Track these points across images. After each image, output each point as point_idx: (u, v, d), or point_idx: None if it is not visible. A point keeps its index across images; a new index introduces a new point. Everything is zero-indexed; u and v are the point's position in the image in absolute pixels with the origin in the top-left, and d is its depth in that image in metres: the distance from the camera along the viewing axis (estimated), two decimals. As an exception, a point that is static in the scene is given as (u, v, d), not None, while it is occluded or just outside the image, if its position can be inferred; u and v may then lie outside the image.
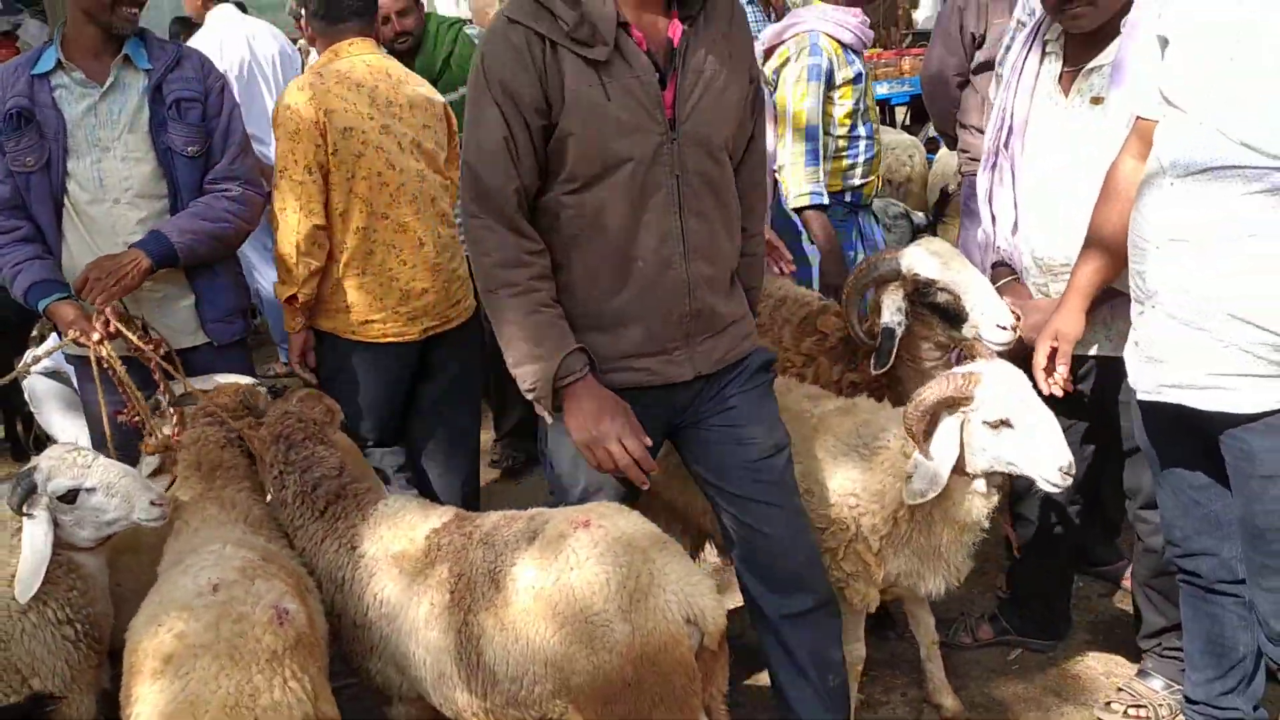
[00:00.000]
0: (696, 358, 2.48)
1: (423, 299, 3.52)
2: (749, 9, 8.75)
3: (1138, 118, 2.50)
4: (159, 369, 3.05)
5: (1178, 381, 2.33)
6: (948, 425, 2.61)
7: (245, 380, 3.22)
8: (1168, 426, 2.49)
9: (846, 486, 2.80)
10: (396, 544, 2.59)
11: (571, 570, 2.33)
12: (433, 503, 2.81)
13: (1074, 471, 2.50)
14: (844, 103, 3.95)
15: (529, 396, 2.38)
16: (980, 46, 3.86)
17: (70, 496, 2.48)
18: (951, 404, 2.60)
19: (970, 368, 2.66)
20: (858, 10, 4.06)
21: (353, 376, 3.58)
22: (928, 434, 2.64)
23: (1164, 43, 2.37)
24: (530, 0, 2.25)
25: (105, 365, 3.00)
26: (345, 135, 3.34)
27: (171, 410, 3.07)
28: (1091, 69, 2.80)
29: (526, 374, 2.34)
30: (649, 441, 2.37)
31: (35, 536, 2.45)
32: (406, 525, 2.62)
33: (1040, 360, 2.72)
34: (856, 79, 3.97)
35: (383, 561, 2.58)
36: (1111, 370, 2.82)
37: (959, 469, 2.64)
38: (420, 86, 3.51)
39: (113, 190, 3.20)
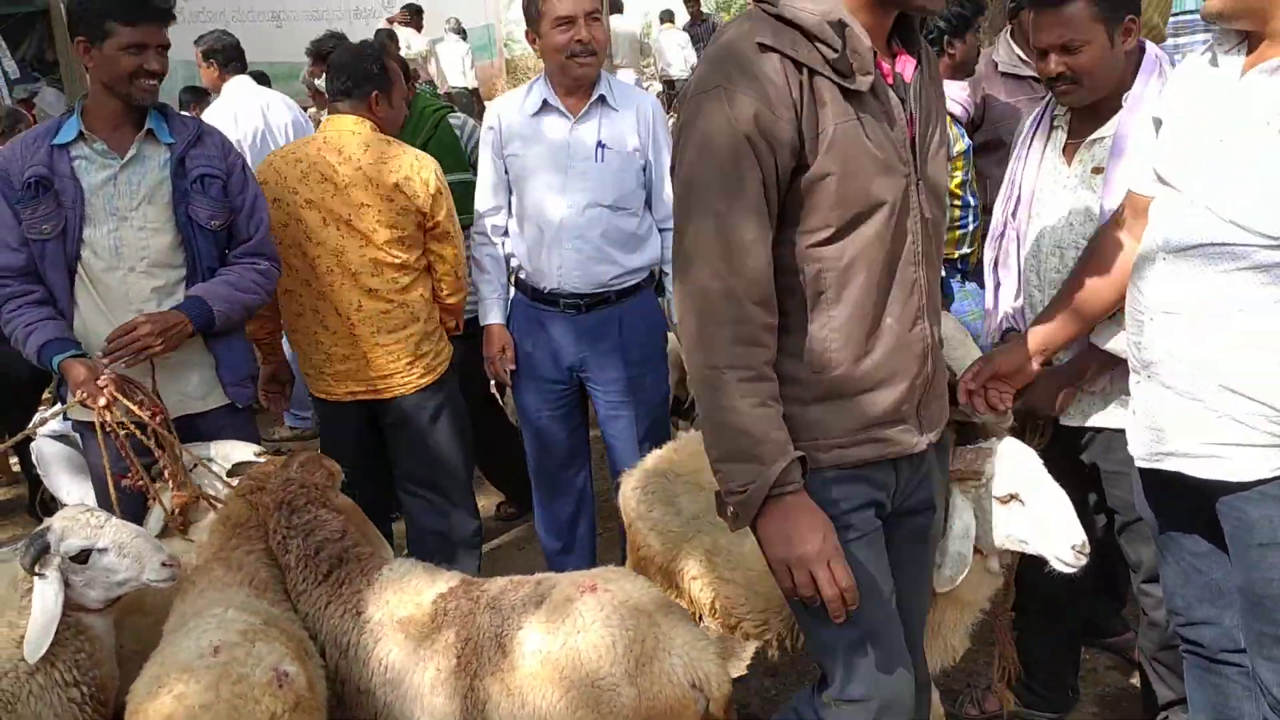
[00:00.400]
0: (924, 425, 2.21)
1: (345, 364, 3.73)
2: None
3: (1129, 191, 2.58)
4: (153, 436, 3.07)
5: (1174, 450, 2.36)
6: (960, 505, 2.61)
7: (253, 447, 3.29)
8: (1167, 494, 2.51)
9: None
10: (402, 609, 2.60)
11: (578, 634, 2.36)
12: (438, 568, 2.82)
13: (1088, 550, 2.48)
14: (956, 174, 4.00)
15: (730, 500, 2.05)
16: (979, 127, 3.94)
17: (83, 557, 2.50)
18: (961, 479, 2.60)
19: (979, 445, 2.67)
20: (965, 84, 4.14)
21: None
22: None
23: (1158, 123, 2.45)
24: (787, 25, 1.97)
25: (108, 429, 3.03)
26: (275, 205, 3.60)
27: (166, 476, 3.11)
28: (1094, 140, 2.88)
29: (736, 473, 2.01)
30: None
31: (46, 596, 2.45)
32: (412, 590, 2.64)
33: (967, 376, 2.74)
34: (966, 151, 4.03)
35: (388, 626, 2.59)
36: (1107, 442, 2.86)
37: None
38: (379, 165, 3.62)
39: (129, 259, 3.24)
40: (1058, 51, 2.74)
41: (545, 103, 3.62)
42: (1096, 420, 2.92)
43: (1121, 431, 2.60)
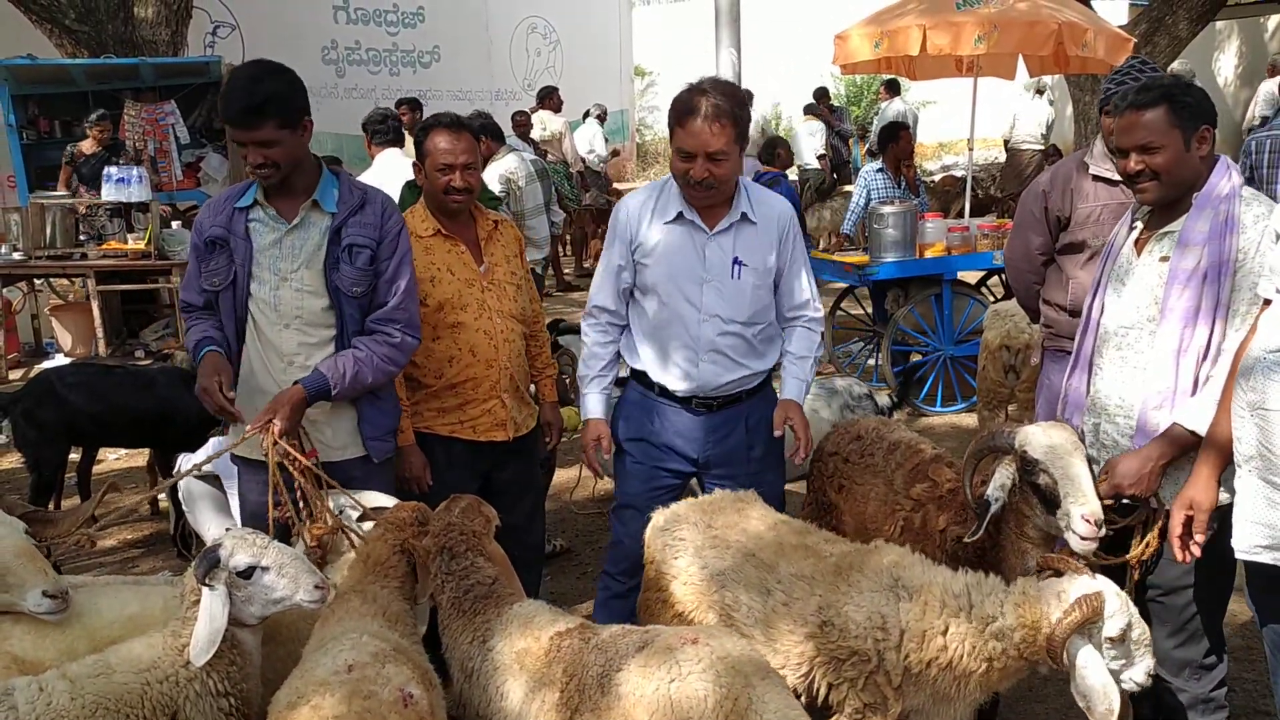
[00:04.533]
0: None
1: None
2: (879, 176, 9.15)
3: (1264, 301, 2.75)
4: (305, 473, 3.31)
5: (1269, 542, 2.48)
6: (1086, 649, 2.65)
7: (391, 499, 3.48)
8: (1267, 586, 2.62)
9: (875, 620, 2.85)
10: (522, 642, 2.76)
11: (672, 682, 2.46)
12: (564, 612, 2.97)
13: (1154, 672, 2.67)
14: None
15: None
16: (1065, 228, 4.08)
17: (248, 573, 2.70)
18: (1087, 621, 2.65)
19: (1081, 586, 2.71)
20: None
21: None
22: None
23: (1278, 236, 2.65)
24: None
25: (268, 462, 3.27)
26: None
27: (312, 511, 3.33)
28: (1164, 233, 3.11)
29: None
30: None
31: (215, 606, 2.65)
32: (535, 626, 2.80)
33: (1176, 529, 2.85)
34: None
35: (507, 656, 2.76)
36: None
37: (1037, 658, 2.74)
38: None
39: (285, 315, 3.51)
40: (1137, 151, 3.02)
41: (680, 215, 3.64)
42: None
43: None
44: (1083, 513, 2.99)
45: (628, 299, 3.85)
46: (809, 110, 16.30)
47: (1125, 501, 3.11)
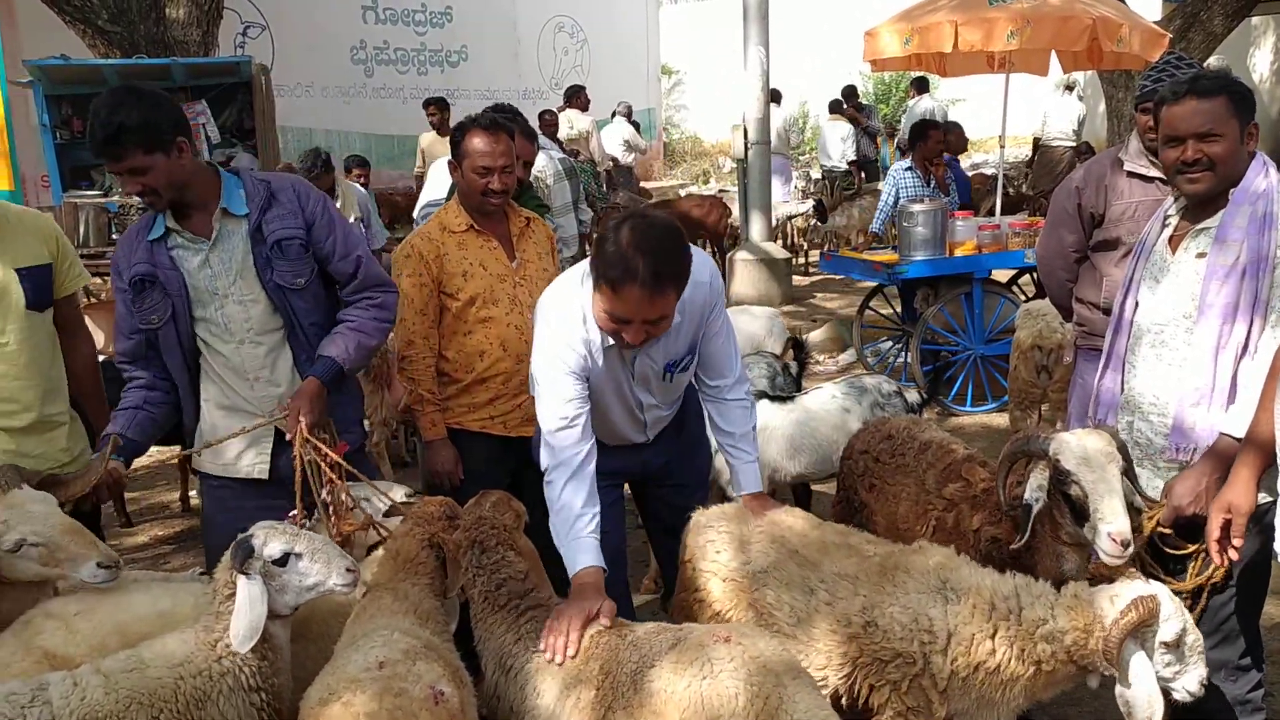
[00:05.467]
0: None
1: None
2: (908, 175, 9.10)
3: None
4: (335, 467, 3.32)
5: None
6: (1137, 653, 2.62)
7: (405, 489, 3.53)
8: None
9: (921, 623, 2.81)
10: None
11: (703, 680, 2.46)
12: None
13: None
14: None
15: None
16: (1100, 225, 4.03)
17: (282, 560, 2.73)
18: (1142, 625, 2.62)
19: (1135, 589, 2.68)
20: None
21: None
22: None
23: None
24: None
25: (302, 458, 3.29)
26: None
27: (339, 507, 3.34)
28: (1201, 230, 3.08)
29: None
30: None
31: (253, 594, 2.67)
32: None
33: (1214, 531, 2.81)
34: None
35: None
36: None
37: (1087, 661, 2.70)
38: None
39: (237, 333, 3.46)
40: (1196, 139, 2.96)
41: (612, 345, 3.24)
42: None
43: None
44: (1109, 530, 2.94)
45: None
46: (834, 109, 16.21)
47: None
